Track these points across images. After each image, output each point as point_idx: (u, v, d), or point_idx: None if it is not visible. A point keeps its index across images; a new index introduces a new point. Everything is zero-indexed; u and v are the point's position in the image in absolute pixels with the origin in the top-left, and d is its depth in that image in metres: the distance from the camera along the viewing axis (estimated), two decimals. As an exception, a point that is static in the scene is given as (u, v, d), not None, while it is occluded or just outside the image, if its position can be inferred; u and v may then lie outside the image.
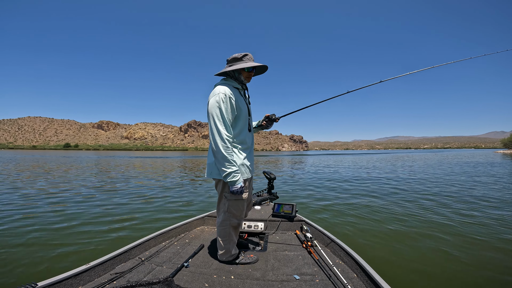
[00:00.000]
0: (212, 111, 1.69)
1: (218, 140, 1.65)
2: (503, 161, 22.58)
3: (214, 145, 1.66)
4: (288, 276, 1.73)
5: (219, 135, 1.65)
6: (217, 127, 1.66)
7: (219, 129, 1.66)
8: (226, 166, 1.66)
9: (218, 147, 1.64)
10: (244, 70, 1.84)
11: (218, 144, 1.64)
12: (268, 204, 3.22)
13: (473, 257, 2.82)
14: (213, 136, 1.67)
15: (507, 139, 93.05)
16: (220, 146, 1.64)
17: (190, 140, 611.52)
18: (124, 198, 6.07)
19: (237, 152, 1.81)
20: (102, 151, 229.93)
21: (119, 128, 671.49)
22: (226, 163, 1.66)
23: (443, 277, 2.42)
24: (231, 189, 1.70)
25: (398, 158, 33.46)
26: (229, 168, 1.66)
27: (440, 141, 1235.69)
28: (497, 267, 2.60)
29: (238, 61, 1.82)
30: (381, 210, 4.89)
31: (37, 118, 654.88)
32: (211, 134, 1.70)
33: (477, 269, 2.56)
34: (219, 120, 1.67)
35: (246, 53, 1.83)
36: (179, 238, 2.40)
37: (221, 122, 1.67)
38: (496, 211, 4.72)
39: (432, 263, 2.70)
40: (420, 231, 3.65)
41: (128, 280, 1.56)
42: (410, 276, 2.43)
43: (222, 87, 1.74)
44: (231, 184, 1.69)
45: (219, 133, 1.65)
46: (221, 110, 1.68)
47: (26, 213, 4.51)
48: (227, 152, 1.65)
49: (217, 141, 1.65)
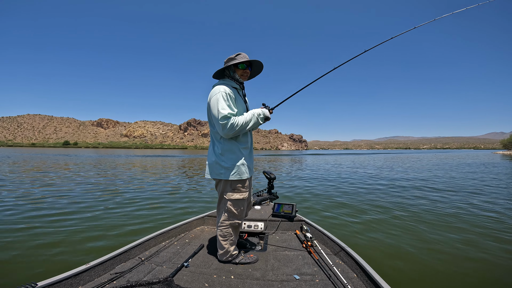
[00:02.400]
0: (214, 107, 1.73)
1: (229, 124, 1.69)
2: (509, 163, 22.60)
3: (231, 129, 1.70)
4: (288, 276, 1.73)
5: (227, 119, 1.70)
6: (222, 114, 1.69)
7: (223, 114, 1.69)
8: (250, 121, 1.78)
9: (235, 127, 1.70)
10: (238, 67, 1.88)
11: (234, 124, 1.70)
12: (268, 204, 3.22)
13: (474, 257, 2.83)
14: (225, 125, 1.69)
15: (507, 140, 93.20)
16: (236, 126, 1.71)
17: (190, 139, 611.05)
18: (125, 199, 6.07)
19: (238, 151, 1.82)
20: (102, 149, 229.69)
21: (119, 126, 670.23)
22: (249, 122, 1.77)
23: (443, 277, 2.42)
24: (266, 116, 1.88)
25: (397, 159, 33.49)
26: (252, 119, 1.79)
27: (439, 142, 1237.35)
28: (498, 267, 2.60)
29: (232, 60, 1.87)
30: (382, 210, 4.90)
31: (37, 116, 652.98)
32: (222, 125, 1.71)
33: (478, 269, 2.57)
34: (223, 109, 1.70)
35: (239, 52, 1.89)
36: (179, 238, 2.40)
37: (224, 109, 1.70)
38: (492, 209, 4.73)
39: (432, 263, 2.70)
40: (420, 231, 3.66)
41: (128, 280, 1.56)
42: (410, 276, 2.44)
43: (222, 86, 1.79)
44: (265, 118, 1.86)
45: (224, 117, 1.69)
46: (224, 104, 1.71)
47: (27, 213, 4.50)
48: (240, 121, 1.72)
49: (231, 123, 1.69)
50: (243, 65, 1.88)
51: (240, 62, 1.85)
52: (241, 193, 1.85)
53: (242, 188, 1.85)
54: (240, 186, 1.84)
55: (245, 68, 1.90)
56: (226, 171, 1.79)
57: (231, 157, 1.80)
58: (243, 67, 1.88)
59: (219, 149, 1.82)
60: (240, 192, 1.84)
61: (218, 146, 1.83)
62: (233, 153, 1.80)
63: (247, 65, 1.90)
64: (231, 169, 1.78)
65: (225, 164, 1.79)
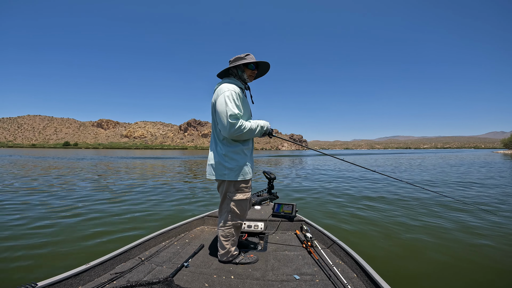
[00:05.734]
0: (222, 105, 1.69)
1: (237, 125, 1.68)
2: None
3: (238, 130, 1.68)
4: (288, 276, 1.73)
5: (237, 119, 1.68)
6: (231, 113, 1.67)
7: (233, 113, 1.67)
8: (255, 131, 1.78)
9: (242, 130, 1.69)
10: (248, 68, 1.86)
11: (242, 127, 1.69)
12: (268, 204, 3.23)
13: (474, 257, 2.82)
14: (234, 125, 1.67)
15: (507, 139, 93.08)
16: (243, 129, 1.70)
17: (190, 139, 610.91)
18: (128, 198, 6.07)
19: (241, 152, 1.82)
20: (102, 149, 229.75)
21: (119, 126, 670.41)
22: (254, 131, 1.77)
23: (444, 277, 2.42)
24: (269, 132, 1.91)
25: (396, 158, 33.46)
26: (257, 129, 1.79)
27: (439, 141, 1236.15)
28: (499, 267, 2.60)
29: (242, 59, 1.85)
30: (382, 210, 4.90)
31: (37, 117, 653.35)
32: (230, 124, 1.67)
33: (478, 269, 2.56)
34: (234, 108, 1.68)
35: (248, 53, 1.88)
36: (179, 238, 2.40)
37: (234, 108, 1.68)
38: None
39: (432, 263, 2.70)
40: (420, 232, 3.66)
41: (128, 280, 1.56)
42: (410, 276, 2.44)
43: (231, 85, 1.77)
44: (263, 133, 1.86)
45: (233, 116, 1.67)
46: (233, 103, 1.69)
47: (25, 213, 4.50)
48: (247, 126, 1.72)
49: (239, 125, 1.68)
50: (252, 65, 1.86)
51: (250, 62, 1.82)
52: (244, 193, 1.85)
53: (246, 189, 1.85)
54: (244, 187, 1.84)
55: (253, 69, 1.88)
56: (230, 172, 1.78)
57: (234, 157, 1.79)
58: (252, 67, 1.87)
59: (223, 150, 1.80)
60: (244, 193, 1.84)
61: (222, 147, 1.81)
62: (236, 154, 1.80)
63: (255, 66, 1.89)
64: (235, 169, 1.78)
65: (229, 165, 1.78)
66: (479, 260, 2.74)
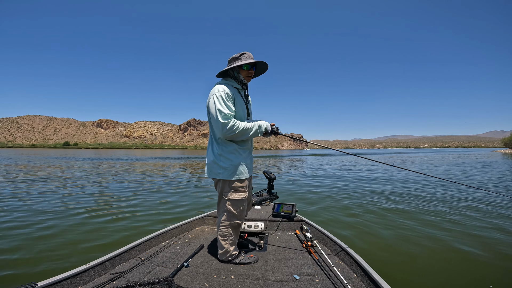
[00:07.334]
0: (212, 106, 1.73)
1: (229, 125, 1.69)
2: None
3: (231, 130, 1.70)
4: (288, 276, 1.73)
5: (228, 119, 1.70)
6: (221, 113, 1.69)
7: (223, 113, 1.69)
8: (251, 131, 1.76)
9: (234, 130, 1.70)
10: (243, 68, 1.84)
11: (234, 127, 1.69)
12: (268, 204, 3.22)
13: (475, 257, 2.82)
14: (226, 125, 1.69)
15: (508, 139, 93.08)
16: (235, 130, 1.70)
17: (190, 139, 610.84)
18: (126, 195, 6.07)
19: (236, 152, 1.81)
20: (102, 149, 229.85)
21: (119, 126, 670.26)
22: (249, 131, 1.76)
23: (444, 277, 2.42)
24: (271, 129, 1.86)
25: (397, 159, 33.46)
26: (253, 129, 1.78)
27: (439, 140, 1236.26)
28: (499, 267, 2.60)
29: (236, 60, 1.83)
30: (383, 210, 4.90)
31: (37, 117, 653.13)
32: (219, 127, 1.71)
33: (479, 269, 2.56)
34: (223, 108, 1.70)
35: (244, 52, 1.85)
36: (179, 238, 2.40)
37: (223, 108, 1.70)
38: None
39: (432, 263, 2.70)
40: (421, 232, 3.66)
41: (128, 280, 1.56)
42: (410, 276, 2.43)
43: (221, 86, 1.77)
44: (264, 131, 1.83)
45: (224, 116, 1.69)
46: (222, 103, 1.71)
47: (25, 213, 4.51)
48: (240, 126, 1.72)
49: (231, 125, 1.69)
50: (247, 66, 1.82)
51: (245, 63, 1.80)
52: (240, 193, 1.84)
53: (241, 188, 1.84)
54: (239, 186, 1.83)
55: (249, 68, 1.84)
56: (224, 171, 1.78)
57: (229, 157, 1.79)
58: (247, 68, 1.83)
59: (218, 149, 1.81)
60: (239, 192, 1.83)
61: (217, 146, 1.83)
62: (231, 153, 1.80)
63: (251, 65, 1.84)
64: (229, 169, 1.78)
65: (223, 164, 1.78)
66: (482, 260, 2.74)
